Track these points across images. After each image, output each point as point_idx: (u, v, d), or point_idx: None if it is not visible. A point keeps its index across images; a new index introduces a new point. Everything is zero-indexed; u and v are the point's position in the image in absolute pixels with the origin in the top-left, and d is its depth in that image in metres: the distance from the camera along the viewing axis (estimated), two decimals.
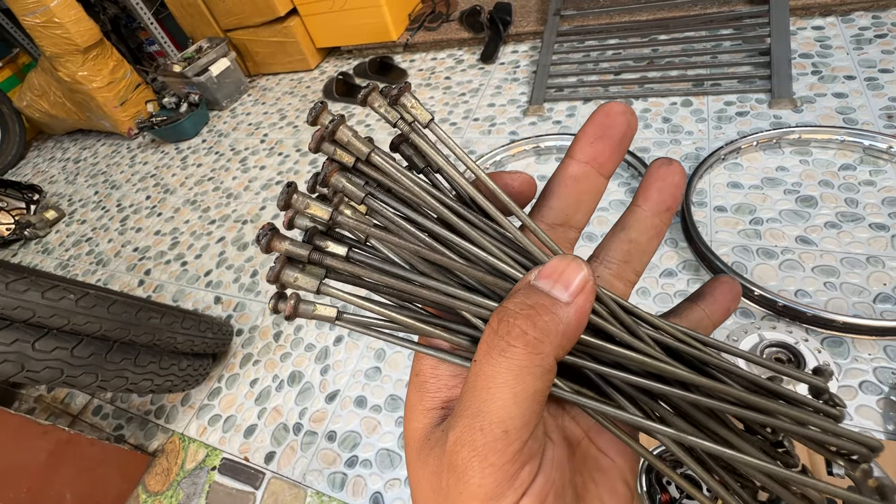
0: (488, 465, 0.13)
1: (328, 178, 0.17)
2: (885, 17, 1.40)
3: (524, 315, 0.14)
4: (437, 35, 2.06)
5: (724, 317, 0.22)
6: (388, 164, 0.18)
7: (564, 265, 0.15)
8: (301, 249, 0.18)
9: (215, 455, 1.06)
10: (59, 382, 0.80)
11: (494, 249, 0.17)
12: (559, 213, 0.19)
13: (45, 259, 1.86)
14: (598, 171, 0.19)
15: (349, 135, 0.17)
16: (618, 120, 0.18)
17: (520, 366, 0.14)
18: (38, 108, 2.51)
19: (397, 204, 0.18)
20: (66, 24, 1.96)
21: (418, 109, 0.18)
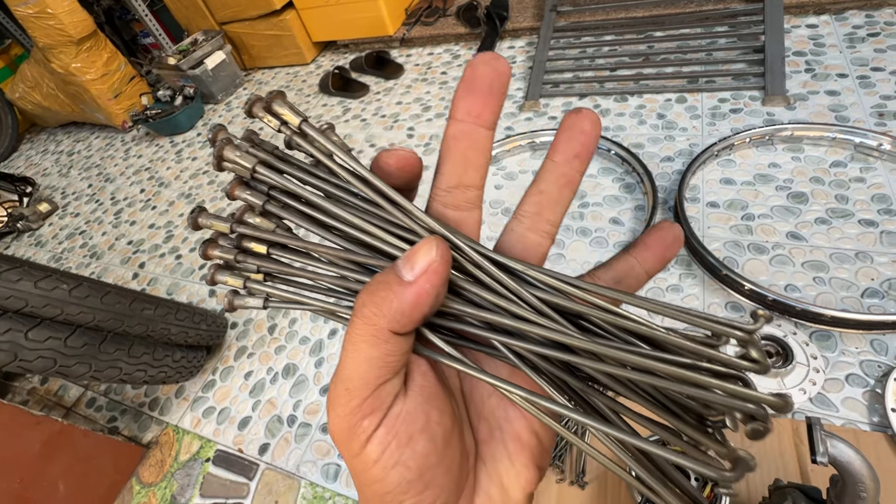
0: (336, 416, 0.16)
1: (231, 193, 0.20)
2: (878, 16, 1.41)
3: (368, 291, 0.16)
4: (433, 30, 2.06)
5: (659, 264, 0.21)
6: (272, 178, 0.19)
7: (420, 247, 0.16)
8: (228, 254, 0.20)
9: (209, 447, 1.07)
10: (53, 372, 0.80)
11: (382, 234, 0.18)
12: (451, 176, 0.19)
13: (39, 252, 1.85)
14: (476, 124, 0.18)
15: (234, 154, 0.19)
16: (481, 70, 0.18)
17: (357, 335, 0.16)
18: (30, 100, 2.49)
19: (297, 204, 0.20)
20: (59, 15, 1.94)
21: (287, 114, 0.19)
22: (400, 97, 1.86)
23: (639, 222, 1.15)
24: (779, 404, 0.15)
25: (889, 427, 0.73)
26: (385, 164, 0.19)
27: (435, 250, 0.16)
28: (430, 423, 0.17)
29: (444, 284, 0.16)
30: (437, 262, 0.15)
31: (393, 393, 0.16)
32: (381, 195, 0.18)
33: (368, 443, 0.16)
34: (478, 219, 0.21)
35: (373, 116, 1.81)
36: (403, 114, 1.76)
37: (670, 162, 1.24)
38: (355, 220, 0.19)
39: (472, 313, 0.18)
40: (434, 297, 0.16)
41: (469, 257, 0.18)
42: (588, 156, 0.19)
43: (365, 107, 1.88)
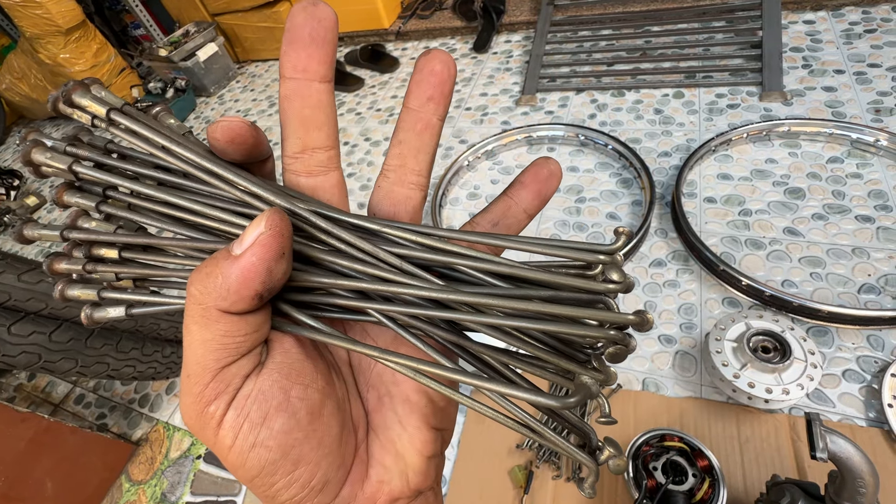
0: (183, 404, 0.16)
1: (59, 199, 0.18)
2: (874, 13, 1.41)
3: (197, 270, 0.15)
4: (429, 23, 2.04)
5: (537, 201, 0.20)
6: (98, 176, 0.18)
7: (255, 221, 0.15)
8: (75, 265, 0.19)
9: (200, 444, 1.05)
10: (37, 368, 0.78)
11: (222, 215, 0.17)
12: (294, 141, 0.18)
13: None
14: (306, 79, 0.17)
15: (44, 157, 0.17)
16: (299, 20, 0.16)
17: (189, 316, 0.15)
18: (17, 92, 2.44)
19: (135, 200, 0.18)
20: (46, 4, 1.90)
21: (92, 106, 0.17)
22: (395, 91, 1.84)
23: (636, 217, 1.14)
24: (635, 321, 0.15)
25: (885, 422, 0.73)
26: (213, 139, 0.17)
27: (264, 222, 0.14)
28: (289, 399, 0.16)
29: (276, 258, 0.15)
30: (265, 233, 0.14)
31: (241, 374, 0.15)
32: (210, 174, 0.17)
33: (220, 428, 0.15)
34: (336, 182, 0.19)
35: (368, 110, 1.79)
36: (399, 107, 1.74)
37: (667, 157, 1.24)
38: (192, 206, 0.17)
39: (336, 283, 0.17)
40: (266, 272, 0.14)
41: (318, 225, 0.17)
42: (442, 98, 0.18)
43: (360, 100, 1.86)
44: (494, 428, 0.88)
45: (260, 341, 0.16)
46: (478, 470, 0.85)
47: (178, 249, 0.18)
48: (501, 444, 0.86)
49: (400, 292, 0.16)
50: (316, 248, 0.17)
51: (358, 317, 0.18)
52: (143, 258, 0.19)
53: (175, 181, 0.18)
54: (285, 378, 0.16)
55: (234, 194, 0.17)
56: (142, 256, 0.19)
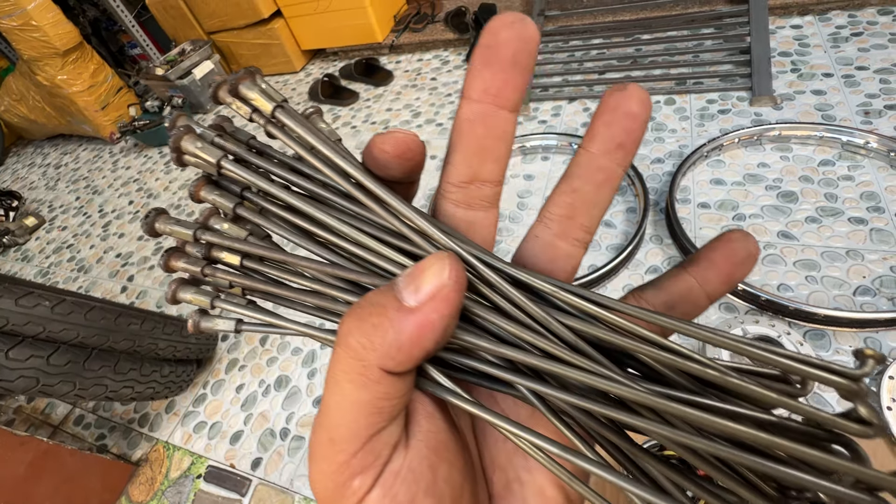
0: (319, 472, 0.13)
1: (196, 194, 0.17)
2: (860, 16, 1.42)
3: (356, 316, 0.13)
4: (422, 36, 2.06)
5: (725, 286, 0.16)
6: (243, 175, 0.16)
7: (427, 264, 0.13)
8: (194, 266, 0.17)
9: (201, 463, 1.04)
10: (36, 392, 0.78)
11: (376, 245, 0.15)
12: (464, 169, 0.16)
13: (25, 267, 1.82)
14: (496, 105, 0.15)
15: (195, 146, 0.16)
16: (503, 36, 0.14)
17: (341, 370, 0.13)
18: (16, 113, 2.46)
19: (274, 208, 0.17)
20: (43, 27, 1.92)
21: (258, 100, 0.16)
22: (390, 104, 1.86)
23: (630, 224, 1.15)
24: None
25: (885, 426, 0.73)
26: (380, 151, 0.15)
27: (448, 271, 0.12)
28: (436, 482, 0.14)
29: (455, 315, 0.13)
30: (448, 286, 0.12)
31: (390, 443, 0.13)
32: (373, 197, 0.15)
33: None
34: (494, 220, 0.17)
35: (363, 123, 1.81)
36: (394, 120, 1.76)
37: (660, 164, 1.25)
38: (343, 228, 0.16)
39: (486, 347, 0.14)
40: (442, 331, 0.13)
41: (484, 277, 0.15)
42: (634, 146, 0.15)
43: (355, 114, 1.88)
44: None
45: (407, 403, 0.14)
46: None
47: (310, 271, 0.17)
48: None
49: (570, 376, 0.13)
50: (472, 301, 0.15)
51: (500, 388, 0.15)
52: (266, 271, 0.17)
53: (322, 193, 0.16)
54: (433, 453, 0.14)
55: (390, 223, 0.15)
56: (264, 268, 0.17)
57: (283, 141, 0.16)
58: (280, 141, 0.17)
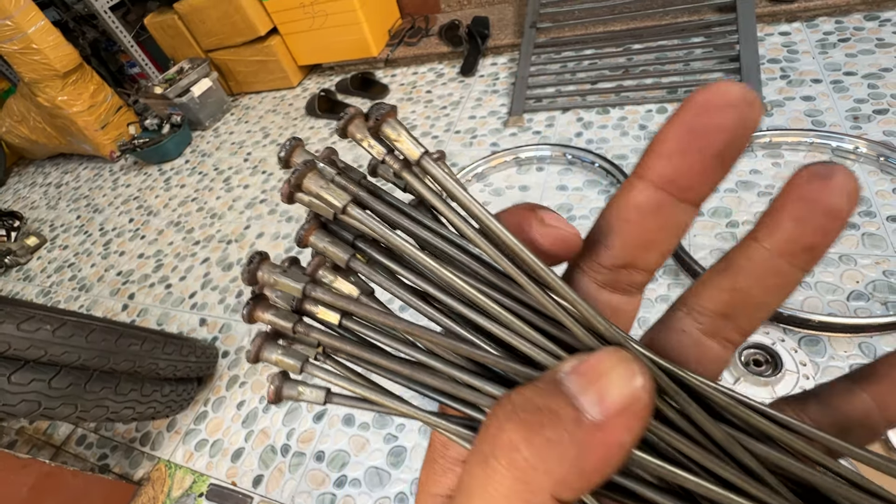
0: None
1: (305, 239, 0.15)
2: (847, 22, 1.44)
3: (522, 423, 0.10)
4: (417, 50, 2.09)
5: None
6: (370, 219, 0.14)
7: (610, 364, 0.10)
8: (285, 321, 0.15)
9: (202, 481, 1.05)
10: (37, 415, 0.79)
11: (517, 323, 0.13)
12: (622, 253, 0.14)
13: (27, 287, 1.84)
14: (678, 199, 0.13)
15: (318, 186, 0.14)
16: (719, 119, 0.11)
17: (499, 492, 0.10)
18: (17, 134, 2.49)
19: (390, 262, 0.15)
20: (44, 50, 1.95)
21: (403, 143, 0.14)
22: None
23: None
24: None
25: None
26: (532, 242, 0.13)
27: (640, 379, 0.10)
28: None
29: (642, 431, 0.10)
30: (642, 399, 0.10)
31: None
32: (528, 273, 0.13)
33: None
34: (637, 307, 0.15)
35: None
36: None
37: None
38: (476, 296, 0.13)
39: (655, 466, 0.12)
40: (628, 450, 0.10)
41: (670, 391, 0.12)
42: (827, 247, 0.12)
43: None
44: None
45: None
46: None
47: (425, 341, 0.14)
48: None
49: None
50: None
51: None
52: (369, 335, 0.15)
53: (451, 253, 0.14)
54: None
55: (538, 301, 0.13)
56: (367, 332, 0.15)
57: (419, 192, 0.14)
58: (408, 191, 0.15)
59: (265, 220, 1.63)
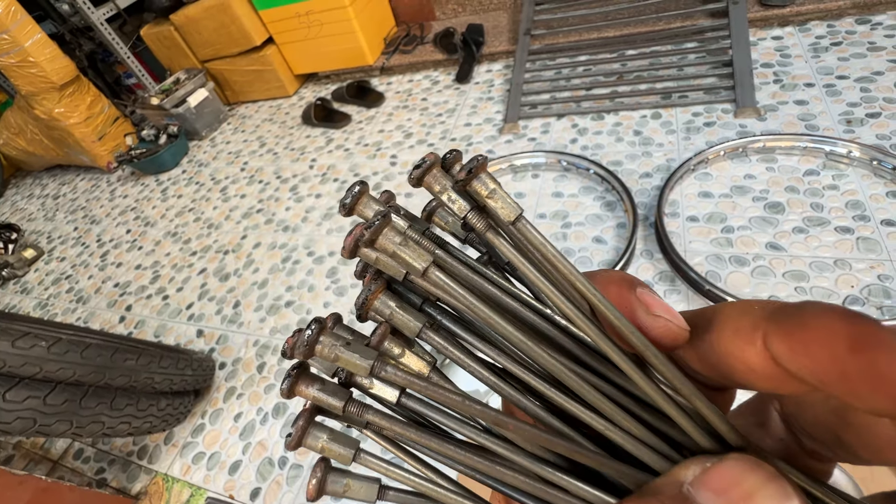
0: None
1: (369, 304, 0.13)
2: (839, 26, 1.45)
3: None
4: (412, 57, 2.10)
5: None
6: (454, 288, 0.12)
7: (755, 484, 0.09)
8: (335, 399, 0.13)
9: (200, 494, 1.04)
10: (33, 432, 0.78)
11: (620, 419, 0.12)
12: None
13: (24, 299, 1.83)
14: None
15: (395, 242, 0.12)
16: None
17: None
18: (15, 147, 2.50)
19: (471, 337, 0.13)
20: (40, 63, 1.96)
21: (498, 202, 0.12)
22: (382, 125, 1.88)
23: (621, 240, 1.16)
24: None
25: None
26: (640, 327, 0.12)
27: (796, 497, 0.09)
28: None
29: None
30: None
31: None
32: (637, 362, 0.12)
33: None
34: (731, 402, 0.14)
35: (356, 146, 1.83)
36: (386, 142, 1.78)
37: (649, 178, 1.26)
38: (576, 384, 0.12)
39: None
40: None
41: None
42: None
43: (348, 136, 1.90)
44: None
45: None
46: None
47: (507, 430, 0.12)
48: None
49: None
50: None
51: None
52: (431, 417, 0.13)
53: (537, 324, 0.13)
54: None
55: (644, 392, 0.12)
56: (429, 413, 0.13)
57: (510, 258, 0.12)
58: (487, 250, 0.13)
59: (262, 230, 1.63)
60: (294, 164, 1.87)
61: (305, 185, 1.74)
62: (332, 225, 1.53)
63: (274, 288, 1.40)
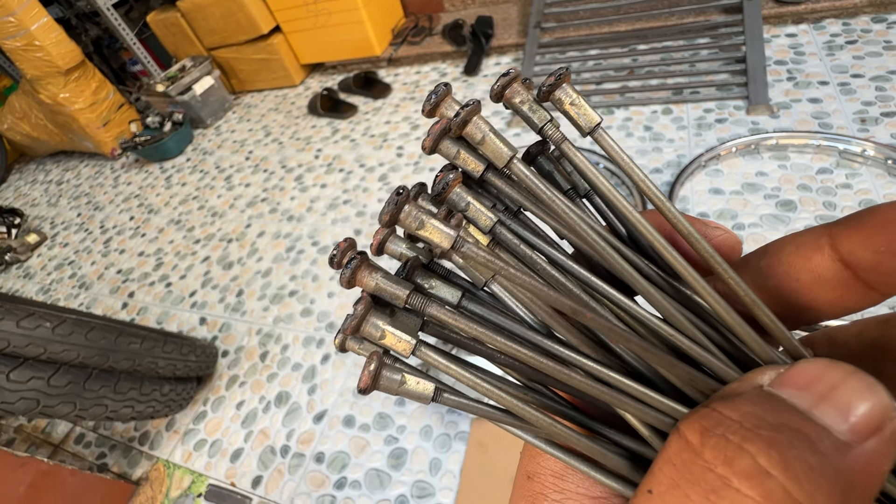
0: None
1: (448, 192, 0.12)
2: (854, 24, 1.43)
3: (765, 439, 0.08)
4: (420, 49, 2.08)
5: None
6: (535, 181, 0.12)
7: (838, 377, 0.09)
8: (399, 289, 0.12)
9: (201, 481, 1.04)
10: (36, 413, 0.78)
11: (689, 326, 0.12)
12: (772, 306, 0.12)
13: (27, 284, 1.83)
14: (865, 285, 0.11)
15: (485, 129, 0.12)
16: None
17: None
18: (19, 131, 2.49)
19: (540, 242, 0.13)
20: (46, 47, 1.95)
21: (582, 108, 0.13)
22: (388, 116, 1.87)
23: None
24: None
25: None
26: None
27: (883, 391, 0.09)
28: None
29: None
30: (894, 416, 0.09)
31: None
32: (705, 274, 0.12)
33: None
34: None
35: (362, 136, 1.82)
36: (392, 133, 1.77)
37: (659, 174, 1.25)
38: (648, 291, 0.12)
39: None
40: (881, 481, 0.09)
41: None
42: None
43: (354, 127, 1.89)
44: (497, 457, 0.87)
45: None
46: (481, 499, 0.84)
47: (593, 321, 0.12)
48: (504, 472, 0.85)
49: None
50: None
51: None
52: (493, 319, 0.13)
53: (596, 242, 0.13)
54: None
55: (718, 308, 0.12)
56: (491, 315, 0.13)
57: (579, 167, 0.13)
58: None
59: (266, 220, 1.62)
60: (299, 154, 1.86)
61: (311, 175, 1.73)
62: (336, 215, 1.52)
63: (278, 277, 1.40)
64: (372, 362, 0.12)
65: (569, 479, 0.14)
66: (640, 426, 0.12)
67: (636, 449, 0.13)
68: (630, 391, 0.12)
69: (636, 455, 0.13)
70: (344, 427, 1.01)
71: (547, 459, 0.14)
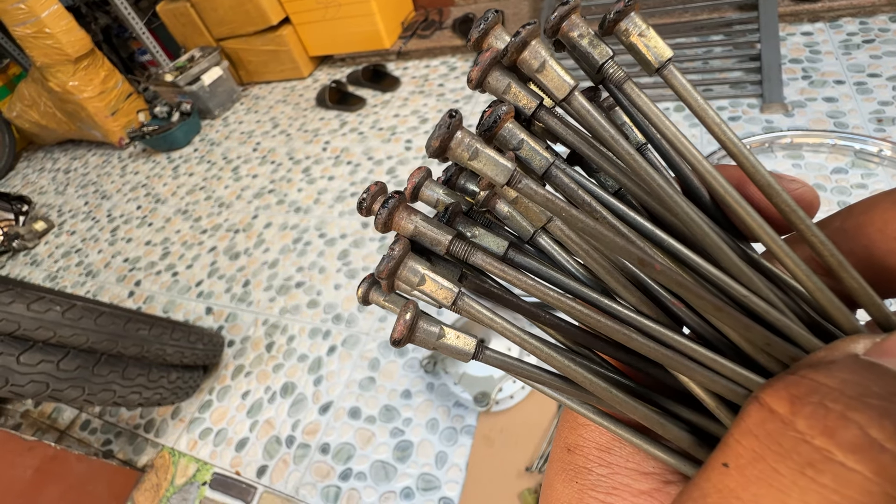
0: None
1: (499, 127, 0.11)
2: (871, 23, 1.41)
3: (875, 408, 0.08)
4: (430, 43, 2.07)
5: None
6: (598, 118, 0.11)
7: None
8: (440, 234, 0.11)
9: (206, 470, 1.04)
10: (45, 396, 0.78)
11: (764, 289, 0.11)
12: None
13: (34, 271, 1.83)
14: None
15: (545, 55, 0.11)
16: None
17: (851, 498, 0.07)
18: (28, 119, 2.49)
19: (599, 190, 0.12)
20: (56, 35, 1.95)
21: (652, 39, 0.12)
22: (397, 110, 1.86)
23: None
24: None
25: None
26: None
27: None
28: None
29: None
30: None
31: None
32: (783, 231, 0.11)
33: None
34: None
35: (370, 129, 1.81)
36: (401, 126, 1.76)
37: None
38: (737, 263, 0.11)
39: None
40: None
41: None
42: None
43: (362, 120, 1.88)
44: (503, 451, 0.87)
45: None
46: (486, 493, 0.83)
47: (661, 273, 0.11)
48: (510, 466, 0.85)
49: None
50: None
51: None
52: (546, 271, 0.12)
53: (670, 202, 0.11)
54: None
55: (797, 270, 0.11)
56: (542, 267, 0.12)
57: (642, 108, 0.12)
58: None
59: (273, 210, 1.62)
60: (307, 146, 1.85)
61: (318, 167, 1.72)
62: (343, 207, 1.52)
63: (284, 268, 1.39)
64: (408, 311, 0.11)
65: (616, 453, 0.13)
66: (706, 396, 0.11)
67: (696, 421, 0.12)
68: (699, 357, 0.11)
69: (696, 428, 0.12)
70: (349, 419, 1.01)
71: (591, 431, 0.13)
